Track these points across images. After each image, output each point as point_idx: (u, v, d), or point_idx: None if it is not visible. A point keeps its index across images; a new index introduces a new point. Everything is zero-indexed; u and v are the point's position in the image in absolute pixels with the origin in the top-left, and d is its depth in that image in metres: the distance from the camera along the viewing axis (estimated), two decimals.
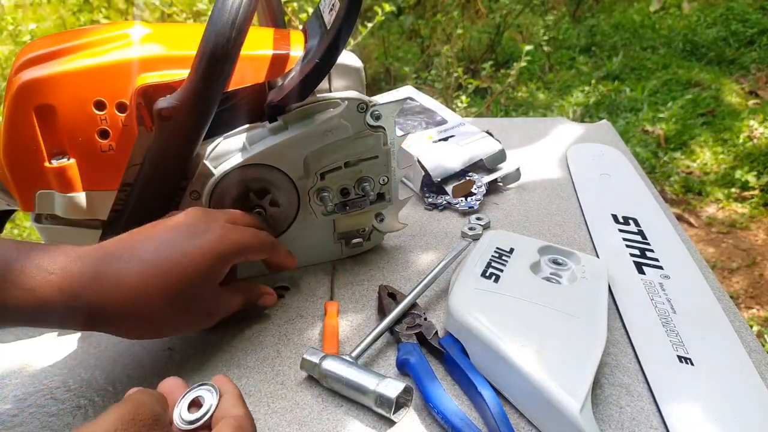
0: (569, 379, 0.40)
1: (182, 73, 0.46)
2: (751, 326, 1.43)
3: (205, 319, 0.46)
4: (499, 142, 0.75)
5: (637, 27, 3.24)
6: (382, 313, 0.52)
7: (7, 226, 0.60)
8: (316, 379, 0.46)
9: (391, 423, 0.43)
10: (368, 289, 0.57)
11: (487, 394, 0.42)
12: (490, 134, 0.76)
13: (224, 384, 0.35)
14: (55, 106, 0.44)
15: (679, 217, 1.87)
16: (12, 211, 0.54)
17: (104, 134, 0.46)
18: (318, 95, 0.51)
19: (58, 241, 0.51)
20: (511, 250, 0.54)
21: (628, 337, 0.50)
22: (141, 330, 0.43)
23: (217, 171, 0.49)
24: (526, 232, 0.66)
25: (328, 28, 0.47)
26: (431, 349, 0.48)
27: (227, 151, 0.50)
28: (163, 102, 0.44)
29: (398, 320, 0.50)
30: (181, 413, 0.33)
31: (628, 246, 0.62)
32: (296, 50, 0.51)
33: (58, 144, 0.45)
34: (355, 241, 0.60)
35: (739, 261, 1.71)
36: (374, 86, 2.77)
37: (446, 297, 0.52)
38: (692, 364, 0.46)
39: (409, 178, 0.74)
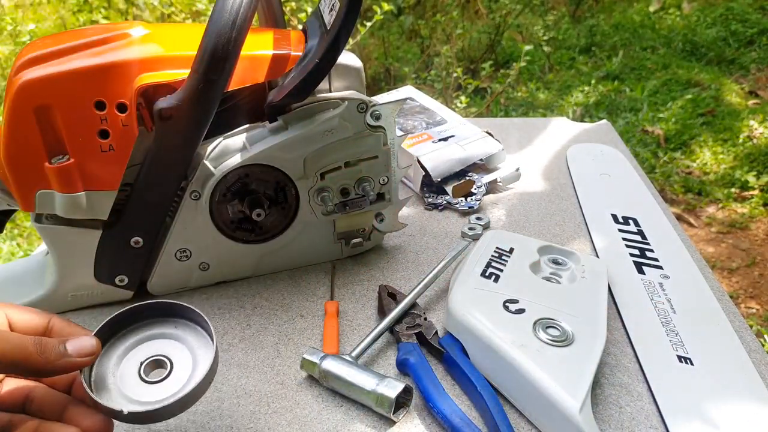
0: (569, 378, 0.40)
1: (182, 73, 0.46)
2: (751, 326, 1.43)
3: None
4: (499, 143, 0.75)
5: (637, 27, 3.24)
6: (382, 313, 0.52)
7: (7, 226, 0.60)
8: (316, 379, 0.46)
9: (391, 423, 0.43)
10: (368, 289, 0.57)
11: (487, 394, 0.42)
12: (490, 134, 0.76)
13: None
14: (55, 106, 0.44)
15: (679, 217, 1.87)
16: (12, 211, 0.54)
17: (104, 134, 0.46)
18: (318, 95, 0.51)
19: (58, 242, 0.51)
20: (511, 250, 0.54)
21: (628, 337, 0.50)
22: None
23: (218, 171, 0.49)
24: (526, 232, 0.66)
25: (328, 28, 0.47)
26: (431, 349, 0.48)
27: (227, 151, 0.50)
28: (163, 102, 0.44)
29: (398, 320, 0.50)
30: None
31: (627, 246, 0.62)
32: (296, 50, 0.51)
33: (58, 144, 0.45)
34: (355, 241, 0.60)
35: (739, 261, 1.71)
36: (374, 86, 2.77)
37: (446, 297, 0.52)
38: (692, 363, 0.46)
39: (409, 178, 0.74)
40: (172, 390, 0.35)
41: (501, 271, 0.51)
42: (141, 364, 0.37)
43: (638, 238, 0.63)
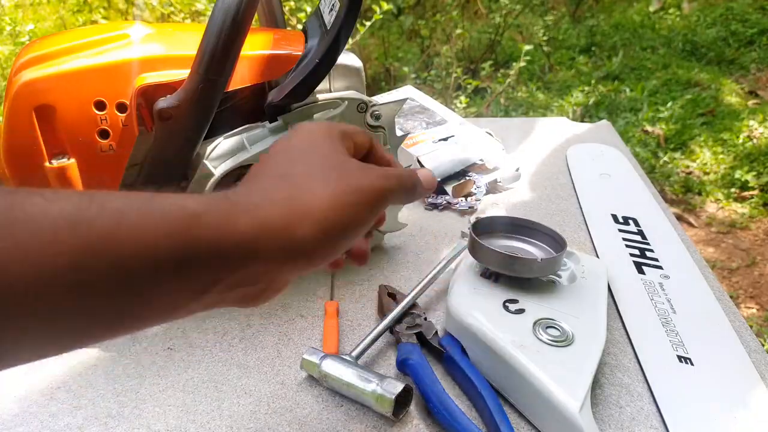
0: (569, 378, 0.40)
1: (182, 73, 0.46)
2: (751, 326, 1.42)
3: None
4: (499, 143, 0.75)
5: (637, 27, 3.24)
6: (382, 313, 0.52)
7: None
8: (316, 379, 0.46)
9: (391, 423, 0.43)
10: (368, 289, 0.57)
11: (487, 394, 0.42)
12: (490, 134, 0.76)
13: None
14: (55, 106, 0.44)
15: (679, 217, 1.87)
16: None
17: (104, 134, 0.46)
18: (318, 95, 0.51)
19: None
20: None
21: (628, 337, 0.50)
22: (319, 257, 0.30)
23: (218, 171, 0.49)
24: None
25: (328, 28, 0.47)
26: (431, 349, 0.48)
27: (227, 151, 0.50)
28: (163, 102, 0.44)
29: (398, 320, 0.50)
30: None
31: (627, 246, 0.62)
32: (296, 50, 0.51)
33: (58, 144, 0.45)
34: None
35: (739, 261, 1.71)
36: (374, 86, 2.77)
37: (446, 297, 0.52)
38: (692, 363, 0.46)
39: None
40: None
41: None
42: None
43: (638, 238, 0.63)
